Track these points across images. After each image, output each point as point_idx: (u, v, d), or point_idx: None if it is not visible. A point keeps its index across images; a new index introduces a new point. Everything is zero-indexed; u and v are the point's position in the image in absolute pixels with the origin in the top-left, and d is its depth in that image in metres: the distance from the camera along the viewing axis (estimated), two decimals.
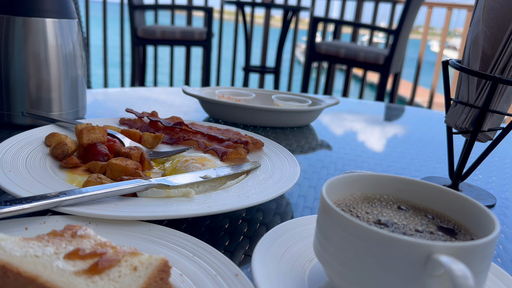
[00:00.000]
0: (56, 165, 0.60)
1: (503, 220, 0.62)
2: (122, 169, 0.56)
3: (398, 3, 3.89)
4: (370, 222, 0.37)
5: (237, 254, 0.47)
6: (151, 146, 0.72)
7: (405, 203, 0.41)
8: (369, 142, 0.99)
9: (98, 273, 0.32)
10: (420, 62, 4.14)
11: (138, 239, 0.43)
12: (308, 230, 0.45)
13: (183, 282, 0.37)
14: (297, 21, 4.22)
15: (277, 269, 0.38)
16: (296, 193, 0.65)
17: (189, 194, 0.52)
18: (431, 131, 1.13)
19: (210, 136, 0.77)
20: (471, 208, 0.37)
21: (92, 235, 0.37)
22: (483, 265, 0.32)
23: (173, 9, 3.83)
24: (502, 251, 0.53)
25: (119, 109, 1.07)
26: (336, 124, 1.14)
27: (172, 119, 0.83)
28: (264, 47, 4.29)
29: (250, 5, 3.58)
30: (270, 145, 0.74)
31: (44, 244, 0.35)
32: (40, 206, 0.43)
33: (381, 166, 0.81)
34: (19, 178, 0.52)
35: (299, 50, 13.95)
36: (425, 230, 0.36)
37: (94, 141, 0.63)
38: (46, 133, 0.68)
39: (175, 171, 0.61)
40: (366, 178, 0.42)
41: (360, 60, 2.95)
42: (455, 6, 4.22)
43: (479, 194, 0.68)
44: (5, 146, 0.61)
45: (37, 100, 0.79)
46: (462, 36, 4.31)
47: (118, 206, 0.47)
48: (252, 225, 0.53)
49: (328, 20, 3.61)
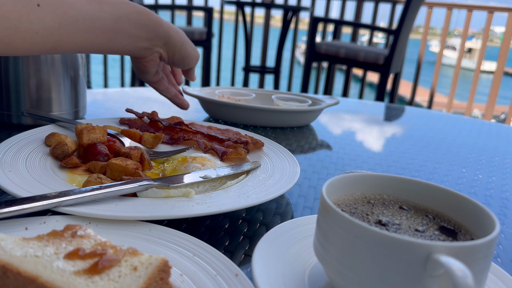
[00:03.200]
0: (56, 165, 0.60)
1: (503, 220, 0.62)
2: (122, 169, 0.56)
3: (398, 3, 3.89)
4: (370, 222, 0.37)
5: (237, 254, 0.47)
6: (151, 146, 0.72)
7: (405, 203, 0.41)
8: (369, 142, 0.99)
9: (98, 273, 0.32)
10: (420, 62, 4.14)
11: (138, 239, 0.43)
12: (308, 230, 0.45)
13: (183, 282, 0.37)
14: (297, 21, 4.22)
15: (277, 269, 0.38)
16: (296, 193, 0.65)
17: (189, 194, 0.52)
18: (431, 131, 1.13)
19: (210, 136, 0.77)
20: (471, 208, 0.37)
21: (92, 235, 0.37)
22: (483, 265, 0.32)
23: (173, 9, 3.83)
24: (502, 251, 0.53)
25: (119, 109, 1.07)
26: (336, 124, 1.14)
27: (172, 119, 0.83)
28: (264, 47, 4.29)
29: (250, 5, 3.58)
30: (270, 145, 0.74)
31: (44, 244, 0.35)
32: (40, 206, 0.43)
33: (381, 166, 0.81)
34: (19, 178, 0.52)
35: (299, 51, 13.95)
36: (425, 230, 0.36)
37: (94, 141, 0.63)
38: (46, 133, 0.68)
39: (175, 171, 0.61)
40: (366, 178, 0.42)
41: (360, 60, 2.95)
42: (455, 6, 4.22)
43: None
44: (5, 146, 0.61)
45: (37, 100, 0.80)
46: (462, 36, 4.31)
47: (118, 206, 0.47)
48: (252, 225, 0.53)
49: (328, 20, 3.61)
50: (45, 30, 0.57)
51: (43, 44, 0.58)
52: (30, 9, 0.55)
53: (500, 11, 4.03)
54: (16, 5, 0.53)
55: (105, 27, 0.64)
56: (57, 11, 0.57)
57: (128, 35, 0.68)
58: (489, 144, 1.04)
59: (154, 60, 0.77)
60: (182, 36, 0.78)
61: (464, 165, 0.86)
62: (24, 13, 0.54)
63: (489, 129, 1.20)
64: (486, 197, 0.70)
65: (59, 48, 0.61)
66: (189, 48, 0.79)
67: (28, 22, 0.55)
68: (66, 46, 0.62)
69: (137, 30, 0.68)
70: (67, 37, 0.60)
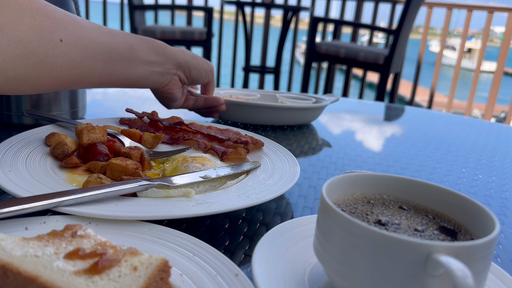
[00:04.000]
0: (56, 165, 0.60)
1: (503, 220, 0.62)
2: (122, 169, 0.56)
3: (398, 3, 3.89)
4: (370, 222, 0.37)
5: (237, 254, 0.47)
6: (151, 146, 0.72)
7: (405, 203, 0.41)
8: (369, 142, 0.99)
9: (98, 273, 0.32)
10: (420, 62, 4.14)
11: (138, 239, 0.43)
12: (308, 230, 0.45)
13: (183, 282, 0.37)
14: (297, 21, 4.22)
15: (277, 269, 0.38)
16: (296, 193, 0.65)
17: (189, 194, 0.52)
18: (431, 131, 1.13)
19: (210, 136, 0.77)
20: (471, 208, 0.37)
21: (92, 235, 0.37)
22: (483, 265, 0.32)
23: (173, 9, 3.83)
24: (502, 251, 0.53)
25: (119, 109, 1.07)
26: (336, 124, 1.14)
27: (172, 119, 0.83)
28: (264, 47, 4.29)
29: (250, 5, 3.58)
30: (270, 145, 0.74)
31: (44, 244, 0.35)
32: (40, 206, 0.43)
33: (381, 166, 0.81)
34: (19, 178, 0.52)
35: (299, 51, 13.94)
36: (424, 230, 0.36)
37: (94, 141, 0.63)
38: (46, 133, 0.68)
39: (175, 171, 0.61)
40: (366, 178, 0.42)
41: (360, 60, 2.95)
42: (455, 6, 4.22)
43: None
44: (5, 146, 0.61)
45: (37, 100, 0.80)
46: (461, 36, 4.31)
47: (118, 206, 0.47)
48: (252, 225, 0.53)
49: (328, 20, 3.61)
50: (68, 63, 0.60)
51: (67, 77, 0.61)
52: (55, 44, 0.57)
53: (500, 11, 4.03)
54: (41, 42, 0.56)
55: (121, 56, 0.67)
56: (78, 45, 0.60)
57: (142, 62, 0.71)
58: (489, 144, 1.04)
59: (176, 84, 0.80)
60: (189, 52, 0.81)
61: (464, 165, 0.86)
62: (50, 49, 0.57)
63: (489, 129, 1.20)
64: (486, 197, 0.70)
65: (82, 80, 0.64)
66: (201, 61, 0.83)
67: (54, 57, 0.58)
68: (87, 78, 0.64)
69: (149, 56, 0.72)
70: (88, 69, 0.63)
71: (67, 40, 0.59)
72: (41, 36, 0.55)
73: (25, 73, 0.55)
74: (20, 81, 0.56)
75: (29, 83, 0.57)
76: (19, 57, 0.54)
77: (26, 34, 0.54)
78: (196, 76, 0.82)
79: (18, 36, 0.53)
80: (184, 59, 0.78)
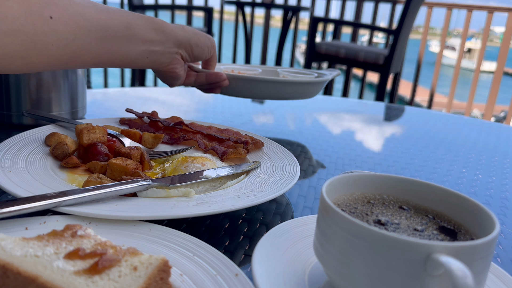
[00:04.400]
0: (56, 165, 0.60)
1: (503, 220, 0.62)
2: (122, 169, 0.56)
3: (398, 3, 3.89)
4: (370, 222, 0.37)
5: (237, 254, 0.47)
6: (151, 146, 0.72)
7: (405, 203, 0.41)
8: (369, 142, 0.99)
9: (98, 273, 0.32)
10: (420, 62, 4.14)
11: (138, 239, 0.43)
12: (308, 230, 0.45)
13: (183, 282, 0.37)
14: (297, 21, 4.22)
15: (277, 269, 0.38)
16: (296, 193, 0.65)
17: (189, 194, 0.52)
18: (431, 131, 1.13)
19: (210, 136, 0.77)
20: (471, 208, 0.37)
21: (92, 235, 0.37)
22: (483, 265, 0.32)
23: (173, 9, 3.83)
24: (502, 251, 0.53)
25: (119, 109, 1.07)
26: (336, 124, 1.14)
27: (172, 119, 0.83)
28: (264, 47, 4.29)
29: (250, 5, 3.58)
30: (270, 145, 0.74)
31: (44, 244, 0.35)
32: (40, 206, 0.43)
33: (381, 166, 0.81)
34: (19, 178, 0.52)
35: (299, 51, 13.92)
36: (424, 230, 0.36)
37: (94, 141, 0.63)
38: (46, 133, 0.68)
39: (175, 171, 0.61)
40: (366, 178, 0.42)
41: (360, 60, 2.95)
42: (455, 6, 4.22)
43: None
44: (5, 146, 0.61)
45: (37, 100, 0.80)
46: (461, 36, 4.31)
47: (118, 206, 0.47)
48: (252, 225, 0.53)
49: (328, 20, 3.61)
50: (60, 41, 0.57)
51: (60, 57, 0.59)
52: (44, 21, 0.55)
53: (500, 11, 4.03)
54: (29, 19, 0.53)
55: (117, 34, 0.64)
56: (70, 22, 0.57)
57: (140, 40, 0.67)
58: (489, 144, 1.04)
59: (179, 62, 0.77)
60: (189, 28, 0.77)
61: (464, 165, 0.86)
62: (39, 26, 0.54)
63: (489, 129, 1.20)
64: (486, 197, 0.70)
65: (75, 60, 0.61)
66: (202, 37, 0.79)
67: (44, 35, 0.55)
68: (82, 57, 0.61)
69: (148, 34, 0.68)
70: (82, 47, 0.60)
71: (58, 17, 0.56)
72: (29, 13, 0.53)
73: (13, 51, 0.53)
74: (8, 60, 0.54)
75: (18, 62, 0.55)
76: (5, 34, 0.51)
77: (13, 10, 0.51)
78: (198, 53, 0.79)
79: (3, 13, 0.51)
80: (185, 37, 0.74)
